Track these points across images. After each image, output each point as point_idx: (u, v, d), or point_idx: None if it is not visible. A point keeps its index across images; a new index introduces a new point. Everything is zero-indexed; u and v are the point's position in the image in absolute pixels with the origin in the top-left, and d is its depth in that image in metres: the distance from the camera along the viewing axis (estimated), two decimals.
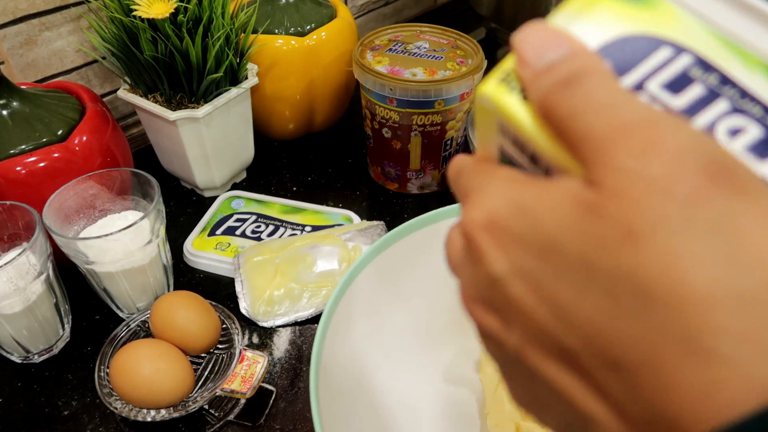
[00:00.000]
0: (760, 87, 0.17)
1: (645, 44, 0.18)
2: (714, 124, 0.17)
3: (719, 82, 0.17)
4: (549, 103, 0.16)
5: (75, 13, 0.60)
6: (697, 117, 0.17)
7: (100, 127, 0.51)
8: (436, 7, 1.01)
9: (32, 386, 0.46)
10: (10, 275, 0.42)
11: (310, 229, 0.57)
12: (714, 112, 0.17)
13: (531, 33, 0.18)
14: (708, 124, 0.17)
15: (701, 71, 0.17)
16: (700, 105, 0.17)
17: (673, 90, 0.17)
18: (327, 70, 0.65)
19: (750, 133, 0.17)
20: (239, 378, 0.42)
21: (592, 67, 0.16)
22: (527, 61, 0.17)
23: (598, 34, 0.18)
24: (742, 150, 0.17)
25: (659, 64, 0.17)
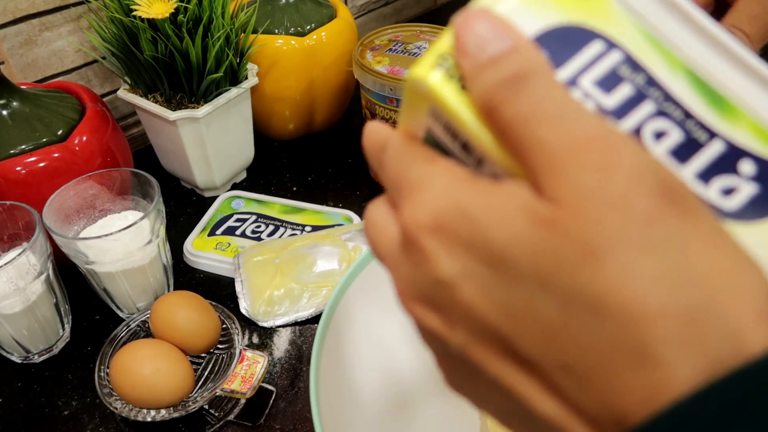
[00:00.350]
0: (681, 90, 0.18)
1: (579, 36, 0.18)
2: (641, 127, 0.17)
3: (646, 82, 0.17)
4: (493, 103, 0.16)
5: (75, 13, 0.60)
6: (626, 118, 0.17)
7: (100, 127, 0.51)
8: (436, 7, 1.01)
9: (32, 386, 0.46)
10: (10, 275, 0.42)
11: (310, 229, 0.57)
12: (641, 114, 0.17)
13: (472, 19, 0.17)
14: (635, 126, 0.17)
15: (630, 70, 0.18)
16: (628, 106, 0.17)
17: (604, 88, 0.17)
18: (327, 70, 0.65)
19: (672, 136, 0.17)
20: (239, 378, 0.42)
21: (537, 67, 0.16)
22: (468, 51, 0.17)
23: (533, 22, 0.18)
24: (664, 153, 0.17)
25: (591, 59, 0.18)
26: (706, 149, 0.17)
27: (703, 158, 0.17)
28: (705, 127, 0.17)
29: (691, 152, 0.17)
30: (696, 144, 0.17)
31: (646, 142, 0.17)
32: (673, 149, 0.17)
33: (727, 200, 0.17)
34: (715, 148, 0.17)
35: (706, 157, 0.17)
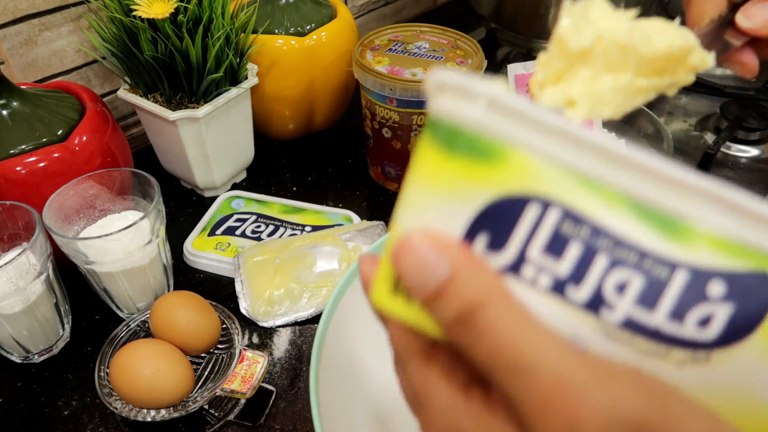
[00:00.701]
0: (628, 227, 0.16)
1: (512, 206, 0.17)
2: (601, 286, 0.17)
3: (591, 234, 0.17)
4: (454, 341, 0.17)
5: (75, 13, 0.60)
6: (584, 282, 0.17)
7: (100, 127, 0.51)
8: (436, 7, 1.01)
9: (32, 386, 0.46)
10: (10, 275, 0.42)
11: (310, 229, 0.57)
12: (597, 272, 0.17)
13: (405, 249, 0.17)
14: (595, 288, 0.17)
15: (572, 225, 0.17)
16: (582, 266, 0.17)
17: (553, 253, 0.17)
18: (327, 70, 0.65)
19: (634, 285, 0.17)
20: (239, 378, 0.42)
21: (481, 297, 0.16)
22: (412, 286, 0.17)
23: (462, 209, 0.17)
24: (632, 305, 0.17)
25: (532, 226, 0.17)
26: (671, 285, 0.16)
27: (670, 297, 0.16)
28: (663, 260, 0.16)
29: (656, 294, 0.16)
30: (659, 283, 0.16)
31: (609, 300, 0.17)
32: (638, 299, 0.17)
33: (704, 331, 0.17)
34: (679, 280, 0.16)
35: (673, 294, 0.16)
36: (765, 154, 0.69)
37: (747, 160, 0.68)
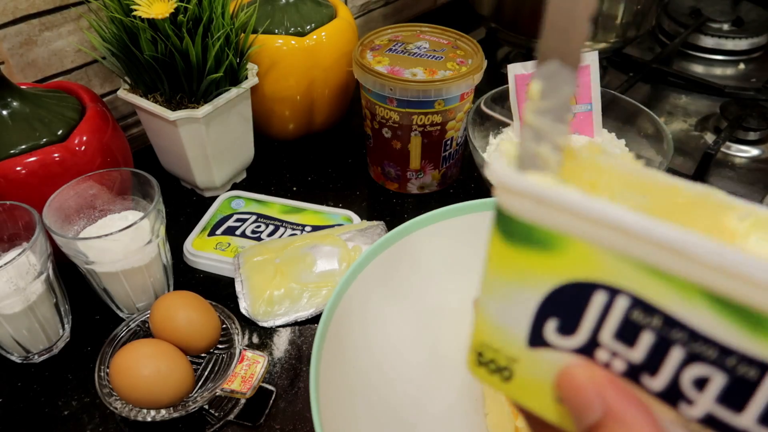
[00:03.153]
0: (706, 321, 0.15)
1: (579, 292, 0.17)
2: (677, 379, 0.16)
3: (664, 324, 0.16)
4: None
5: (75, 13, 0.60)
6: (660, 373, 0.16)
7: (100, 127, 0.51)
8: (436, 7, 1.01)
9: (32, 386, 0.46)
10: (10, 275, 0.42)
11: (310, 229, 0.57)
12: (672, 364, 0.16)
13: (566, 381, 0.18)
14: (671, 380, 0.16)
15: (643, 314, 0.16)
16: (656, 357, 0.16)
17: (625, 341, 0.17)
18: (327, 70, 0.65)
19: (715, 382, 0.15)
20: (239, 378, 0.42)
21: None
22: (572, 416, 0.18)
23: (530, 294, 0.18)
24: (714, 404, 0.16)
25: (600, 312, 0.17)
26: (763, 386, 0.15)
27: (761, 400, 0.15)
28: (750, 359, 0.15)
29: (744, 395, 0.15)
30: (747, 383, 0.15)
31: (687, 394, 0.16)
32: (720, 396, 0.15)
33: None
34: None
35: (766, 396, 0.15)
36: (765, 154, 0.69)
37: (747, 160, 0.68)
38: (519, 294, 0.18)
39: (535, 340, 0.18)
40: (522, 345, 0.19)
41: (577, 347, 0.18)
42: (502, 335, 0.19)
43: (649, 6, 0.74)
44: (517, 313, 0.18)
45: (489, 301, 0.19)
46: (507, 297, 0.18)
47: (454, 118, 0.59)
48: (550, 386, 0.19)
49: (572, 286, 0.17)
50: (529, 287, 0.18)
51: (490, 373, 0.20)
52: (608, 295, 0.16)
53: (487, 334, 0.19)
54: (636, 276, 0.16)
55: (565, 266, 0.17)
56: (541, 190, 0.16)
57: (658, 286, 0.15)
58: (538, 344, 0.18)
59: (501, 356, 0.19)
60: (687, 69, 0.85)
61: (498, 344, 0.19)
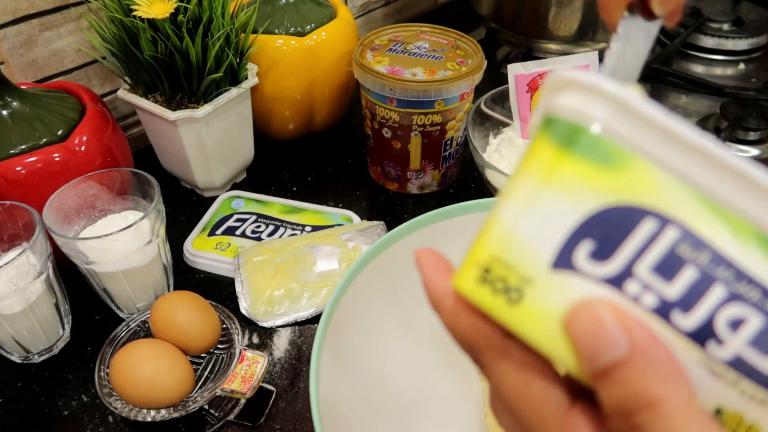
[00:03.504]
0: (755, 262, 0.15)
1: (627, 216, 0.16)
2: (712, 318, 0.16)
3: (711, 261, 0.15)
4: (596, 391, 0.16)
5: (75, 13, 0.60)
6: (694, 310, 0.16)
7: (100, 127, 0.51)
8: (436, 7, 1.01)
9: (32, 386, 0.46)
10: (10, 275, 0.42)
11: (310, 229, 0.57)
12: (711, 302, 0.16)
13: (585, 315, 0.16)
14: (706, 319, 0.16)
15: (691, 248, 0.16)
16: (695, 294, 0.16)
17: (664, 275, 0.16)
18: (327, 70, 0.65)
19: (751, 323, 0.15)
20: (239, 378, 0.42)
21: (658, 394, 0.15)
22: (582, 353, 0.16)
23: (572, 209, 0.16)
24: (745, 345, 0.15)
25: (645, 241, 0.16)
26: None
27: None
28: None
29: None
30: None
31: (720, 334, 0.15)
32: (753, 339, 0.15)
33: None
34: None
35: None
36: (765, 154, 0.69)
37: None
38: (559, 207, 0.16)
39: (562, 261, 0.17)
40: (544, 265, 0.17)
41: (608, 276, 0.16)
42: (523, 250, 0.17)
43: None
44: (550, 228, 0.17)
45: (516, 210, 0.17)
46: (543, 208, 0.16)
47: (454, 118, 0.59)
48: (563, 317, 0.17)
49: (623, 208, 0.16)
50: (575, 201, 0.16)
51: (493, 293, 0.17)
52: (659, 224, 0.16)
53: (505, 247, 0.17)
54: (694, 208, 0.15)
55: (623, 186, 0.16)
56: (628, 99, 0.16)
57: (714, 221, 0.15)
58: (563, 267, 0.17)
59: (514, 274, 0.17)
60: (687, 69, 0.85)
61: (515, 260, 0.17)
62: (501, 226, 0.17)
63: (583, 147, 0.16)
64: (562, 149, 0.16)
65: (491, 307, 0.17)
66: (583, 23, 0.73)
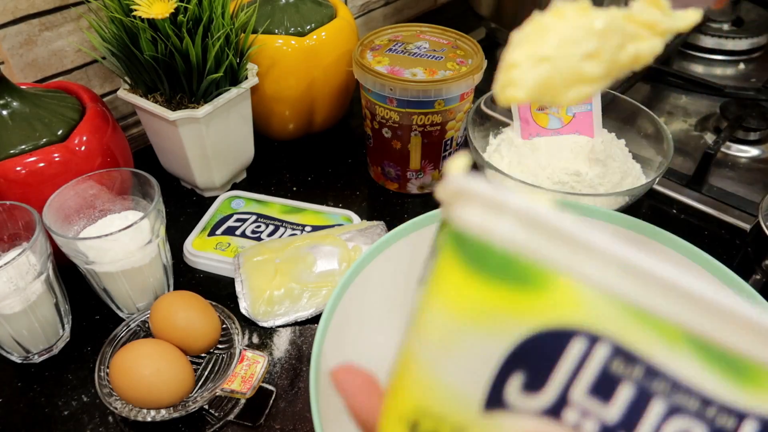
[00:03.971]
0: (689, 369, 0.14)
1: (554, 340, 0.14)
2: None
3: (645, 374, 0.15)
4: None
5: (75, 13, 0.60)
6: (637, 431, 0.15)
7: (100, 127, 0.51)
8: (436, 7, 1.01)
9: (32, 386, 0.46)
10: (10, 275, 0.42)
11: (310, 229, 0.57)
12: (652, 420, 0.15)
13: None
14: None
15: (623, 364, 0.15)
16: (635, 413, 0.15)
17: (601, 395, 0.15)
18: (327, 70, 0.65)
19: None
20: (239, 378, 0.42)
21: None
22: None
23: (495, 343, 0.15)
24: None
25: (577, 362, 0.15)
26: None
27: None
28: (729, 409, 0.14)
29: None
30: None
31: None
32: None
33: None
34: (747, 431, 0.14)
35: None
36: (765, 154, 0.69)
37: (747, 160, 0.68)
38: (481, 342, 0.15)
39: (493, 401, 0.15)
40: (475, 409, 0.15)
41: (544, 408, 0.15)
42: (450, 397, 0.15)
43: None
44: (475, 368, 0.15)
45: (434, 352, 0.15)
46: (463, 347, 0.15)
47: (454, 118, 0.59)
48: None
49: (548, 333, 0.14)
50: (496, 334, 0.15)
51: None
52: (587, 343, 0.14)
53: (428, 396, 0.15)
54: (621, 320, 0.14)
55: (545, 308, 0.14)
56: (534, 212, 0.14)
57: (643, 331, 0.14)
58: (496, 406, 0.15)
59: (445, 426, 0.15)
60: (687, 69, 0.85)
61: (443, 409, 0.15)
62: (420, 371, 0.15)
63: (494, 269, 0.15)
64: (472, 273, 0.15)
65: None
66: None
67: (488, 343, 0.15)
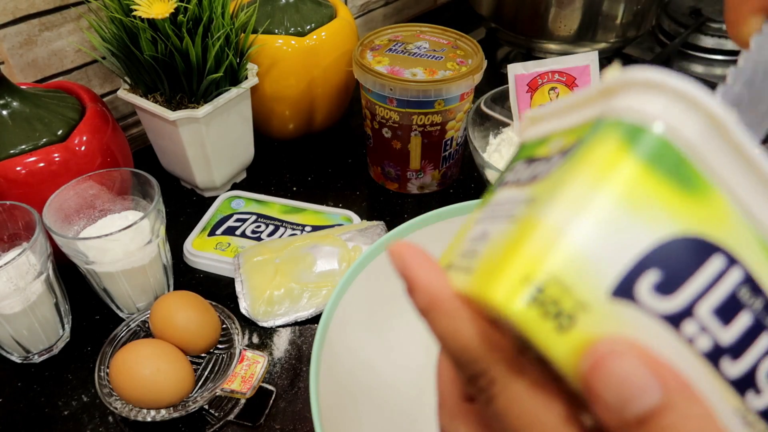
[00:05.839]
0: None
1: (698, 250, 0.15)
2: (756, 367, 0.15)
3: (763, 308, 0.15)
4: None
5: (75, 13, 0.60)
6: (742, 358, 0.15)
7: (100, 127, 0.51)
8: (436, 7, 1.01)
9: (32, 386, 0.46)
10: (10, 275, 0.42)
11: (310, 229, 0.57)
12: (757, 351, 0.15)
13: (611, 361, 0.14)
14: (751, 367, 0.15)
15: (749, 293, 0.15)
16: (746, 341, 0.15)
17: (722, 318, 0.15)
18: (327, 70, 0.65)
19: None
20: (239, 378, 0.42)
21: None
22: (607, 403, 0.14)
23: (645, 232, 0.14)
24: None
25: (711, 280, 0.15)
26: None
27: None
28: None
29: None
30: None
31: (759, 384, 0.15)
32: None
33: None
34: None
35: None
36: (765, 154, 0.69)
37: None
38: (632, 226, 0.14)
39: (623, 290, 0.15)
40: (603, 291, 0.15)
41: (668, 313, 0.15)
42: (583, 270, 0.14)
43: (649, 6, 0.74)
44: (618, 249, 0.14)
45: (581, 222, 0.14)
46: (614, 224, 0.14)
47: (454, 118, 0.59)
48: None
49: (696, 240, 0.14)
50: (649, 224, 0.14)
51: (542, 317, 0.14)
52: (725, 262, 0.15)
53: (564, 264, 0.14)
54: (756, 250, 0.15)
55: (699, 216, 0.15)
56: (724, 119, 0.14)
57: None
58: (623, 296, 0.15)
59: (569, 298, 0.14)
60: (687, 69, 0.85)
61: (573, 281, 0.14)
62: (563, 238, 0.15)
63: (667, 165, 0.15)
64: (645, 164, 0.15)
65: (535, 331, 0.15)
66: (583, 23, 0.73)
67: (640, 230, 0.14)
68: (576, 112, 0.17)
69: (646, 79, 0.15)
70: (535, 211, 0.15)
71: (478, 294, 0.16)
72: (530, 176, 0.17)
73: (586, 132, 0.16)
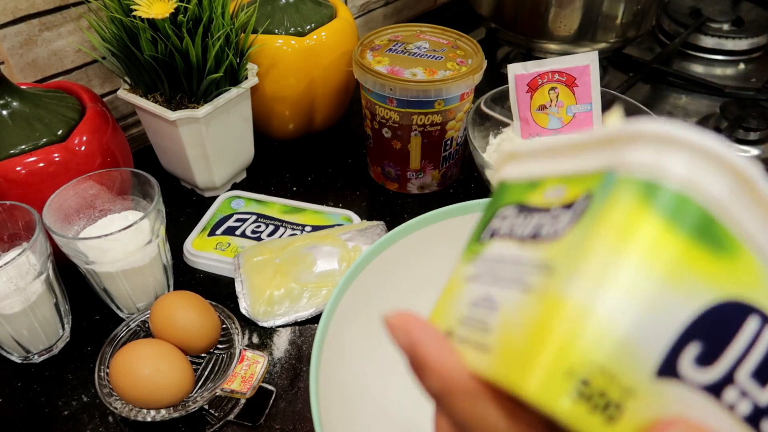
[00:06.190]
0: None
1: (735, 315, 0.14)
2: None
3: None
4: None
5: (75, 13, 0.60)
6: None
7: (100, 127, 0.51)
8: (436, 7, 1.01)
9: (32, 386, 0.46)
10: (10, 275, 0.42)
11: (310, 229, 0.57)
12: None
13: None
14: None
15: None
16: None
17: (760, 380, 0.14)
18: (327, 70, 0.65)
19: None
20: (239, 378, 0.42)
21: None
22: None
23: (684, 303, 0.14)
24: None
25: (748, 342, 0.14)
26: None
27: None
28: None
29: None
30: None
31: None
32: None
33: None
34: None
35: None
36: (765, 154, 0.69)
37: None
38: (672, 301, 0.13)
39: (667, 368, 0.14)
40: (648, 373, 0.14)
41: (709, 383, 0.14)
42: (628, 355, 0.13)
43: (649, 6, 0.74)
44: (658, 327, 0.13)
45: (618, 302, 0.13)
46: (655, 302, 0.13)
47: (454, 118, 0.59)
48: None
49: (733, 304, 0.14)
50: (687, 294, 0.14)
51: (590, 412, 0.13)
52: (760, 323, 0.14)
53: (609, 351, 0.13)
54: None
55: (732, 278, 0.14)
56: (751, 174, 0.14)
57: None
58: (668, 374, 0.14)
59: (616, 386, 0.13)
60: (687, 69, 0.85)
61: (619, 369, 0.13)
62: (600, 323, 0.13)
63: (696, 227, 0.14)
64: (670, 226, 0.13)
65: (585, 428, 0.13)
66: (583, 23, 0.73)
67: (677, 302, 0.13)
68: (572, 156, 0.16)
69: (661, 133, 0.14)
70: (557, 284, 0.14)
71: (507, 383, 0.14)
72: (533, 232, 0.16)
73: (595, 186, 0.15)
